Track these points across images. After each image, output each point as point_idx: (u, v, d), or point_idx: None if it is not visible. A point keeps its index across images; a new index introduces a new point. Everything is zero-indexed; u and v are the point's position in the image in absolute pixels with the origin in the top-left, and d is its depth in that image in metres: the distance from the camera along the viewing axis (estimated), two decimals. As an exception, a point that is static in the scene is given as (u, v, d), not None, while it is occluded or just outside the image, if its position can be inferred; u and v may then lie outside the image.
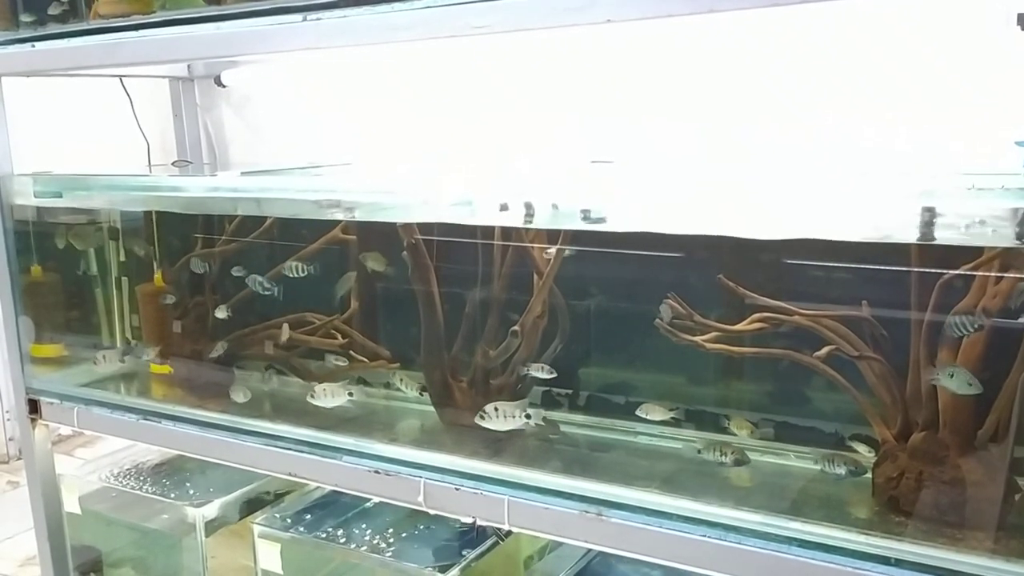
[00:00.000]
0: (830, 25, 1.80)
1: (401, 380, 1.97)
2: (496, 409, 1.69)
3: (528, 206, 1.56)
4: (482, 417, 1.70)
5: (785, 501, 1.51)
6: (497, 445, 1.74)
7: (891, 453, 1.46)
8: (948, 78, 1.72)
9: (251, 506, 2.22)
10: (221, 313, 2.15)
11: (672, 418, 1.67)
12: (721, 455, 1.57)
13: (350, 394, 1.90)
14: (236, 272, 2.10)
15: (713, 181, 1.53)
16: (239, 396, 2.04)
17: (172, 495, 2.24)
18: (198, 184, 2.22)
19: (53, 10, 2.06)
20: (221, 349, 2.12)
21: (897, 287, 1.43)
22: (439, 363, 1.88)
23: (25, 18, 2.11)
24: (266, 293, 2.04)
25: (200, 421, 2.03)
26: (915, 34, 1.74)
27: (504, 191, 1.59)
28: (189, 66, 2.77)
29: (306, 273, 2.02)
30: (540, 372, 1.73)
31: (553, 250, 1.74)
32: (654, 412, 1.67)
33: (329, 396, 1.91)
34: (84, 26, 2.01)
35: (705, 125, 1.99)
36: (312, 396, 1.93)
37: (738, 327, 1.57)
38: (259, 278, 2.05)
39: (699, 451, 1.60)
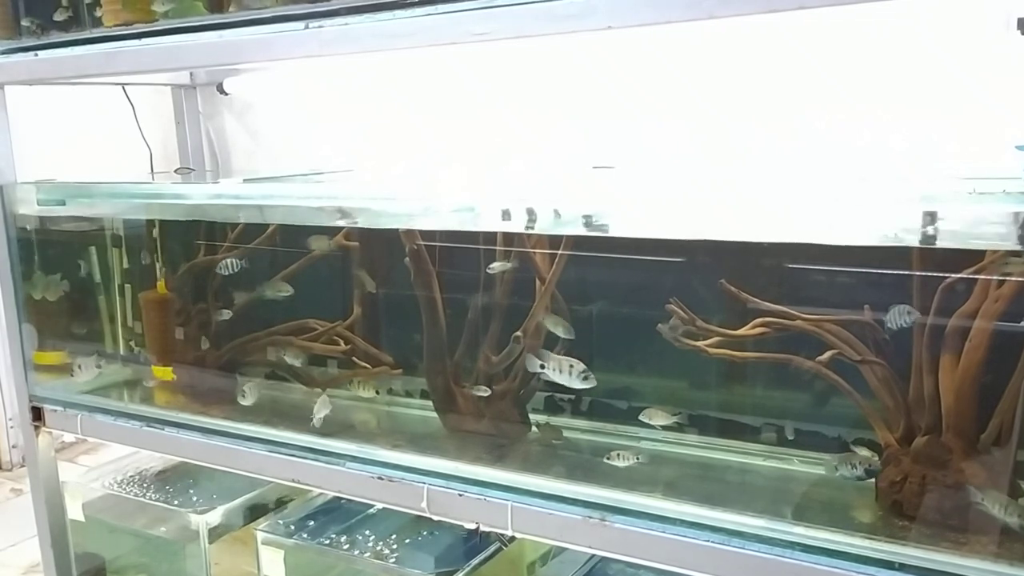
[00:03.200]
0: (831, 30, 1.81)
1: (358, 383, 2.01)
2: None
3: (530, 212, 1.56)
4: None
5: (788, 506, 1.51)
6: (500, 451, 1.74)
7: (894, 457, 1.46)
8: (949, 82, 1.72)
9: (254, 513, 2.22)
10: (205, 344, 2.19)
11: (675, 423, 1.67)
12: (852, 467, 1.51)
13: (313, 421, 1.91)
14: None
15: (715, 186, 1.53)
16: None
17: (175, 502, 2.24)
18: (201, 191, 2.23)
19: (58, 16, 2.07)
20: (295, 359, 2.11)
21: (899, 291, 1.43)
22: (442, 369, 1.88)
23: (27, 22, 2.12)
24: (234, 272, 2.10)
25: (203, 428, 2.03)
26: (916, 38, 1.74)
27: (506, 197, 1.59)
28: (191, 74, 2.78)
29: (239, 269, 2.09)
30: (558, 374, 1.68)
31: (497, 265, 1.76)
32: (657, 417, 1.66)
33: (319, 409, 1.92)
34: (87, 35, 2.02)
35: (707, 130, 1.99)
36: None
37: (741, 332, 1.57)
38: (233, 261, 2.10)
39: (836, 468, 1.52)
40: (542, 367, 1.66)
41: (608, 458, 1.65)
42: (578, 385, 1.62)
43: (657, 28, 1.33)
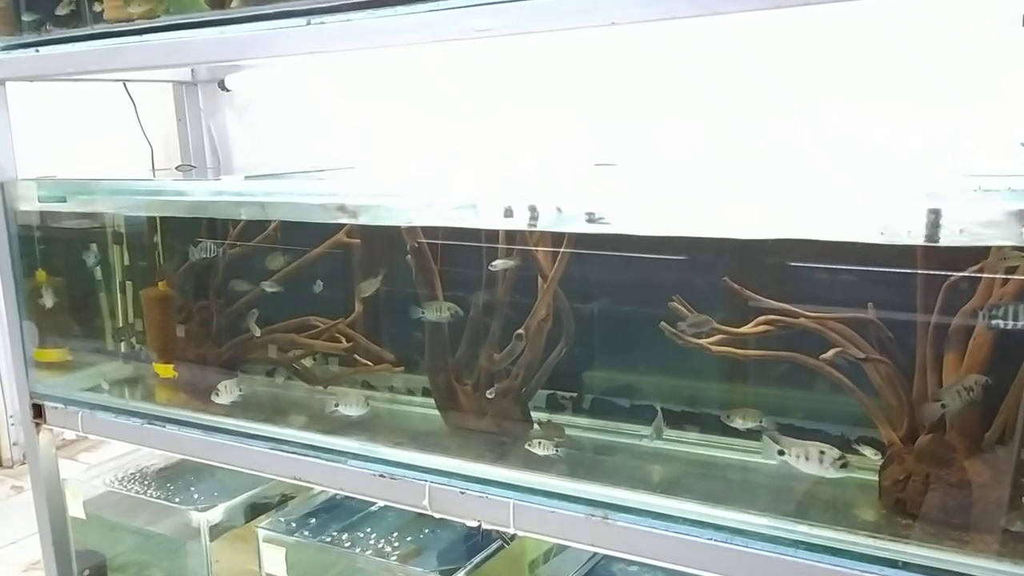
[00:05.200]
0: (835, 26, 1.80)
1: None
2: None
3: (532, 209, 1.55)
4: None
5: (791, 504, 1.50)
6: (502, 448, 1.73)
7: (898, 455, 1.45)
8: (954, 79, 1.72)
9: (256, 510, 2.21)
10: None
11: (760, 426, 1.61)
12: (968, 392, 1.31)
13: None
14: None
15: (718, 183, 1.52)
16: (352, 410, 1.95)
17: (176, 499, 2.24)
18: (202, 188, 2.23)
19: (60, 10, 2.06)
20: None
21: (903, 289, 1.43)
22: (443, 367, 1.88)
23: (27, 17, 2.11)
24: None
25: (204, 425, 2.03)
26: (921, 34, 1.74)
27: (508, 194, 1.59)
28: (193, 70, 2.77)
29: (213, 254, 2.11)
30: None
31: (499, 263, 1.76)
32: (740, 419, 1.60)
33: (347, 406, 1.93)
34: (88, 31, 2.01)
35: (710, 127, 1.99)
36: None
37: (743, 329, 1.57)
38: (209, 244, 2.13)
39: (944, 405, 1.34)
40: (781, 454, 1.45)
41: (529, 445, 1.68)
42: (832, 474, 1.42)
43: (661, 24, 1.33)
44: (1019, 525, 1.33)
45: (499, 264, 1.77)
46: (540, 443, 1.67)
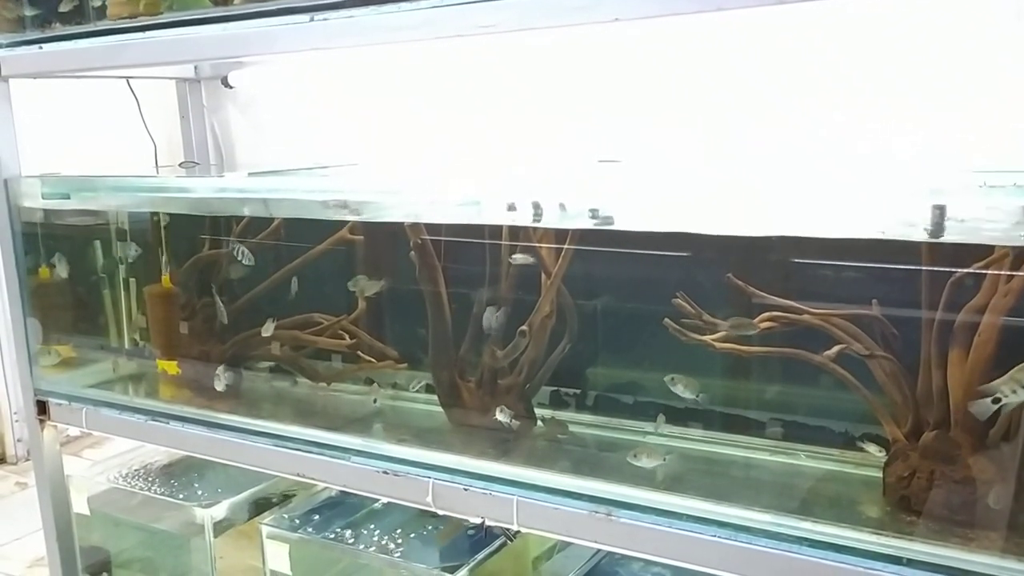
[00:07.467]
0: (839, 22, 1.80)
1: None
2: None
3: (536, 206, 1.55)
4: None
5: (795, 501, 1.50)
6: (506, 445, 1.73)
7: (902, 452, 1.45)
8: (957, 75, 1.71)
9: (259, 507, 2.22)
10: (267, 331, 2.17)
11: (696, 400, 1.64)
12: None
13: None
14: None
15: (721, 180, 1.52)
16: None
17: (180, 496, 2.24)
18: (206, 185, 2.23)
19: (63, 7, 2.07)
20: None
21: (907, 286, 1.43)
22: (447, 363, 1.88)
23: (29, 12, 2.11)
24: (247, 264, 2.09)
25: (208, 422, 2.03)
26: (923, 30, 1.73)
27: (511, 191, 1.59)
28: (196, 67, 2.77)
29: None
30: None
31: (519, 257, 1.76)
32: (681, 386, 1.63)
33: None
34: (91, 28, 2.02)
35: (714, 123, 1.98)
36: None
37: (747, 326, 1.57)
38: (243, 249, 2.10)
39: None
40: None
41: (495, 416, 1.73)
42: None
43: (664, 21, 1.32)
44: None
45: (519, 258, 1.76)
46: (502, 410, 1.73)
